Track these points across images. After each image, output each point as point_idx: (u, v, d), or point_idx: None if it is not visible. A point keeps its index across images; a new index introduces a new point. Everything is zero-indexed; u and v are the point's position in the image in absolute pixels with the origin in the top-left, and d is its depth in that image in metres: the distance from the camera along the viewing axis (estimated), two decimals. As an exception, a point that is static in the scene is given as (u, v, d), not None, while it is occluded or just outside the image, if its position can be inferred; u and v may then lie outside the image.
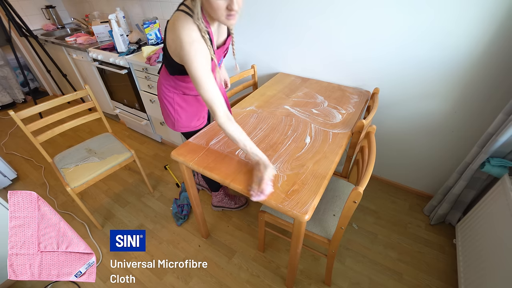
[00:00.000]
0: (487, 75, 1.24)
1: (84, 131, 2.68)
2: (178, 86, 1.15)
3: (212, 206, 1.77)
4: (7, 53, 3.07)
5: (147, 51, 1.90)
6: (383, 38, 1.39)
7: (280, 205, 0.87)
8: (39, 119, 1.46)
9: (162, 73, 1.18)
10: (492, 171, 1.21)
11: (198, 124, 1.29)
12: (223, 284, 1.36)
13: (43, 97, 3.43)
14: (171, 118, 1.24)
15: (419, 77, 1.40)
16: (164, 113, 1.27)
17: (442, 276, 1.35)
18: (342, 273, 1.38)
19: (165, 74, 1.14)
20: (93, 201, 1.88)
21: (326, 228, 1.12)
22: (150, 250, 1.53)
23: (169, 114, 1.23)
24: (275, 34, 1.75)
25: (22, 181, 2.09)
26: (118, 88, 2.29)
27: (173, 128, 1.28)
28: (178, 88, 1.16)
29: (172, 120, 1.24)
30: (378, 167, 1.87)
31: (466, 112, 1.38)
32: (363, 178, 0.89)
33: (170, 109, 1.21)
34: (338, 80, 1.68)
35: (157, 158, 2.26)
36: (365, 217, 1.66)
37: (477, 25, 1.16)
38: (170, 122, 1.26)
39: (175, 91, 1.17)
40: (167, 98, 1.19)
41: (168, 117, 1.25)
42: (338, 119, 1.31)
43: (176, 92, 1.17)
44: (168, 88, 1.16)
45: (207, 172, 1.02)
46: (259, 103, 1.47)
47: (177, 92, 1.17)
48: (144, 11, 2.32)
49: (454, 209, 1.51)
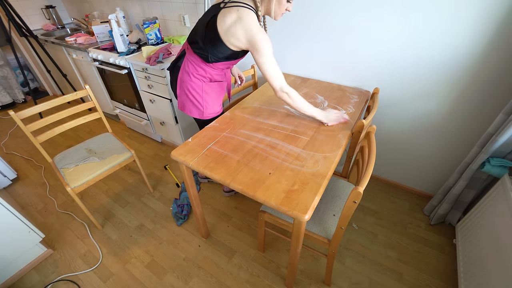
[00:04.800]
0: (487, 75, 1.24)
1: (84, 131, 2.68)
2: (208, 74, 1.27)
3: (224, 192, 1.83)
4: (7, 53, 3.07)
5: (147, 51, 1.90)
6: (383, 38, 1.39)
7: (280, 205, 0.87)
8: (39, 119, 1.46)
9: (188, 66, 1.27)
10: (492, 171, 1.21)
11: (219, 109, 1.41)
12: (223, 284, 1.36)
13: (43, 97, 3.43)
14: (199, 107, 1.34)
15: (419, 77, 1.40)
16: (190, 105, 1.35)
17: (442, 276, 1.35)
18: (342, 273, 1.38)
19: (195, 65, 1.25)
20: (93, 201, 1.88)
21: (326, 228, 1.12)
22: (150, 250, 1.53)
23: (197, 104, 1.33)
24: (275, 34, 1.75)
25: (22, 181, 2.09)
26: (118, 88, 2.29)
27: (201, 117, 1.37)
28: (207, 76, 1.28)
29: (201, 108, 1.34)
30: (378, 167, 1.87)
31: (466, 112, 1.38)
32: (363, 178, 0.89)
33: (198, 99, 1.32)
34: (338, 80, 1.68)
35: (157, 158, 2.26)
36: (365, 217, 1.66)
37: (477, 25, 1.16)
38: (198, 111, 1.35)
39: (204, 79, 1.28)
40: (195, 88, 1.29)
41: (195, 107, 1.34)
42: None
43: (204, 81, 1.29)
44: (197, 77, 1.27)
45: (207, 172, 1.02)
46: (259, 103, 1.47)
47: (205, 80, 1.29)
48: (144, 11, 2.32)
49: (454, 209, 1.51)
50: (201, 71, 1.26)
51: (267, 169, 1.01)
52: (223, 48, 1.15)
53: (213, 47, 1.15)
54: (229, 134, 1.21)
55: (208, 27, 1.13)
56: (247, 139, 1.18)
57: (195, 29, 1.23)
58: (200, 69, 1.26)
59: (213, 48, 1.16)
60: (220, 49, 1.15)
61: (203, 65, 1.25)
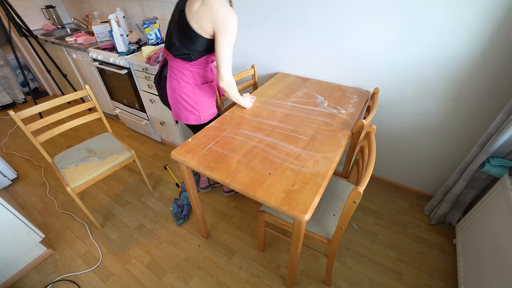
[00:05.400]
0: (487, 75, 1.24)
1: (84, 131, 2.68)
2: (198, 76, 1.26)
3: (224, 192, 1.82)
4: (7, 53, 3.07)
5: (147, 51, 1.90)
6: (383, 38, 1.39)
7: (280, 205, 0.87)
8: (39, 119, 1.46)
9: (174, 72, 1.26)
10: (492, 171, 1.21)
11: (214, 110, 1.41)
12: (223, 284, 1.36)
13: (43, 97, 3.43)
14: (195, 113, 1.33)
15: (419, 77, 1.40)
16: (186, 112, 1.33)
17: (442, 276, 1.35)
18: (342, 273, 1.38)
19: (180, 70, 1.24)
20: (93, 201, 1.88)
21: (326, 228, 1.12)
22: (150, 250, 1.53)
23: (192, 109, 1.32)
24: (275, 34, 1.75)
25: (22, 181, 2.09)
26: (118, 88, 2.29)
27: (199, 122, 1.36)
28: (197, 78, 1.27)
29: (197, 113, 1.34)
30: (378, 167, 1.87)
31: (466, 112, 1.38)
32: (363, 178, 0.89)
33: (192, 104, 1.31)
34: (338, 80, 1.68)
35: (157, 158, 2.26)
36: (365, 217, 1.66)
37: (477, 24, 1.16)
38: (195, 116, 1.35)
39: (195, 82, 1.28)
40: (187, 94, 1.28)
41: (191, 113, 1.33)
42: (338, 119, 1.31)
43: (196, 84, 1.28)
44: (186, 81, 1.26)
45: (207, 172, 1.02)
46: (259, 103, 1.47)
47: (197, 83, 1.28)
48: (144, 11, 2.32)
49: (454, 209, 1.51)
50: (188, 73, 1.25)
51: (267, 169, 1.01)
52: (199, 40, 1.14)
53: (190, 42, 1.15)
54: (229, 134, 1.21)
55: (179, 24, 1.13)
56: (247, 139, 1.18)
57: (168, 32, 1.22)
58: (186, 71, 1.25)
59: (191, 44, 1.15)
60: (197, 42, 1.14)
61: (188, 66, 1.24)
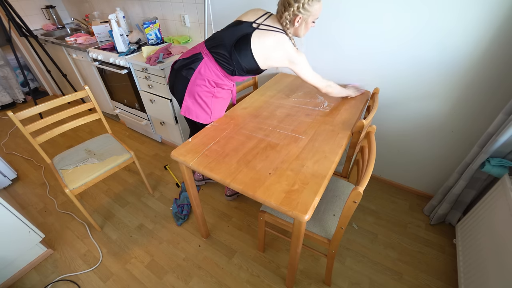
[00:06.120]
0: (487, 75, 1.24)
1: (84, 131, 2.68)
2: (223, 84, 1.34)
3: (226, 196, 1.82)
4: (7, 53, 3.07)
5: (147, 51, 1.90)
6: (383, 38, 1.39)
7: (280, 205, 0.87)
8: (39, 120, 1.46)
9: (206, 72, 1.29)
10: (492, 171, 1.20)
11: (223, 114, 1.45)
12: (223, 284, 1.36)
13: (43, 97, 3.43)
14: (207, 112, 1.38)
15: (419, 77, 1.40)
16: (198, 109, 1.37)
17: (442, 276, 1.35)
18: (342, 273, 1.38)
19: (214, 74, 1.29)
20: (93, 201, 1.88)
21: (326, 228, 1.12)
22: (150, 250, 1.53)
23: (205, 108, 1.36)
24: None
25: (22, 181, 2.09)
26: (118, 88, 2.29)
27: (208, 122, 1.39)
28: (220, 85, 1.34)
29: (209, 113, 1.38)
30: (378, 167, 1.87)
31: (466, 112, 1.38)
32: (363, 178, 0.89)
33: (208, 104, 1.36)
34: (338, 80, 1.68)
35: (157, 158, 2.26)
36: (365, 217, 1.66)
37: (477, 24, 1.16)
38: (206, 116, 1.39)
39: (221, 85, 1.35)
40: (206, 95, 1.34)
41: (204, 111, 1.37)
42: (338, 119, 1.31)
43: (217, 88, 1.35)
44: (212, 84, 1.32)
45: (207, 172, 1.02)
46: (259, 103, 1.47)
47: (218, 88, 1.35)
48: (144, 11, 2.32)
49: (454, 209, 1.51)
50: (218, 80, 1.31)
51: (267, 169, 1.01)
52: (251, 64, 1.23)
53: (241, 61, 1.22)
54: (229, 134, 1.22)
55: (238, 43, 1.20)
56: (247, 139, 1.18)
57: (218, 40, 1.24)
58: (218, 78, 1.30)
59: (240, 63, 1.23)
60: (247, 64, 1.24)
61: (223, 76, 1.30)
